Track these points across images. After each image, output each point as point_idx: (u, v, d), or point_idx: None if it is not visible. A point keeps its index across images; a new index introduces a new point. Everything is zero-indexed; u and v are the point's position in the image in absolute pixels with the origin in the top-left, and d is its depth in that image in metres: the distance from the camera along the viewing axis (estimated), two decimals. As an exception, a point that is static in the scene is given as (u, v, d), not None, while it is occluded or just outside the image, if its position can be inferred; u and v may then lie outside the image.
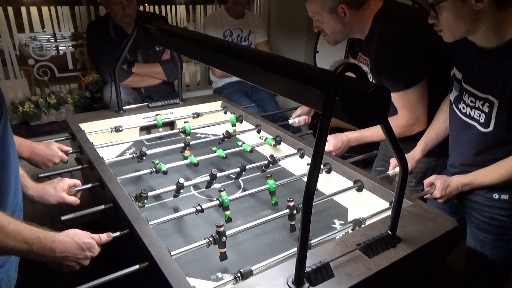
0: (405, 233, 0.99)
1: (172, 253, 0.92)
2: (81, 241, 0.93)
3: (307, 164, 1.39)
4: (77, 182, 1.25)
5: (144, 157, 1.49)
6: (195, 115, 1.91)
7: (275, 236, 1.17)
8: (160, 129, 1.82)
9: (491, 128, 1.16)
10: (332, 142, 1.55)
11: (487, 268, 1.36)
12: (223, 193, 1.14)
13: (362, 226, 1.08)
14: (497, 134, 1.15)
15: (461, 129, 1.28)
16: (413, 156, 1.43)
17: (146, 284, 0.99)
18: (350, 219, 1.26)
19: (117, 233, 1.02)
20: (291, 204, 1.12)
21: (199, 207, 1.10)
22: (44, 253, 0.87)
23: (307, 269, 0.81)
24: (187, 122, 1.84)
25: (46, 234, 0.88)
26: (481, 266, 1.37)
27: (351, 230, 1.08)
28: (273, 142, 1.63)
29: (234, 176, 1.42)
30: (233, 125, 1.86)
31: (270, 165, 1.47)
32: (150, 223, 1.03)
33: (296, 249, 0.78)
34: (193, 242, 0.98)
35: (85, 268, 0.97)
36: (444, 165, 1.49)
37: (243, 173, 1.39)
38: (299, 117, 1.87)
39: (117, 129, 1.71)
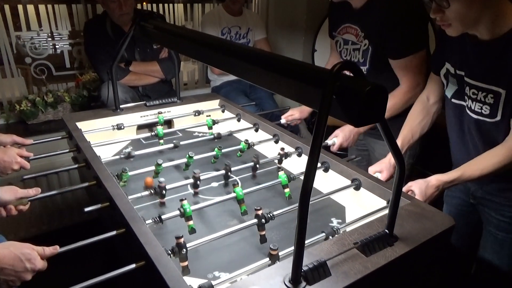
0: (402, 232, 0.99)
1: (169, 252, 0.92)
2: (19, 251, 0.87)
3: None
4: (30, 193, 1.16)
5: (132, 158, 1.48)
6: (196, 113, 1.91)
7: (272, 235, 1.16)
8: (161, 127, 1.81)
9: (498, 117, 1.15)
10: (341, 135, 1.58)
11: (502, 269, 1.35)
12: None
13: (355, 226, 1.06)
14: (505, 123, 1.14)
15: (468, 121, 1.26)
16: (390, 161, 1.39)
17: (143, 283, 0.99)
18: (347, 218, 1.27)
19: (114, 232, 1.02)
20: (259, 213, 1.06)
21: (157, 219, 1.05)
22: None
23: (304, 268, 0.81)
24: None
25: None
26: (497, 267, 1.36)
27: (324, 240, 1.04)
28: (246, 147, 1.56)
29: (233, 176, 1.42)
30: (210, 127, 1.80)
31: (283, 158, 1.47)
32: (147, 222, 1.03)
33: (293, 248, 0.77)
34: (190, 241, 0.98)
35: (82, 267, 0.96)
36: (420, 148, 1.53)
37: (257, 166, 1.40)
38: (293, 117, 1.90)
39: (119, 127, 1.71)
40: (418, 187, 1.21)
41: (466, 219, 1.48)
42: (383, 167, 1.37)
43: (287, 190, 1.26)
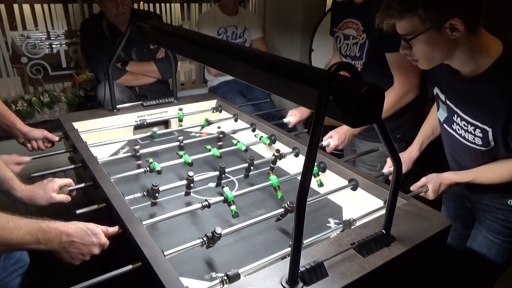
0: (399, 232, 0.99)
1: (165, 253, 0.92)
2: (85, 226, 0.94)
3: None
4: (69, 181, 1.24)
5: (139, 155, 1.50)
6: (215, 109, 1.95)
7: (269, 235, 1.16)
8: (180, 123, 1.87)
9: (492, 145, 1.15)
10: (336, 137, 1.59)
11: (486, 267, 1.37)
12: (226, 189, 1.14)
13: (353, 227, 1.07)
14: (499, 150, 1.15)
15: (459, 147, 1.27)
16: (410, 156, 1.44)
17: (139, 284, 0.99)
18: (344, 218, 1.26)
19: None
20: (289, 208, 1.11)
21: (206, 203, 1.10)
22: (51, 242, 0.89)
23: (301, 269, 0.81)
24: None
25: (49, 223, 0.90)
26: (483, 266, 1.38)
27: (341, 231, 1.07)
28: (268, 141, 1.62)
29: (231, 176, 1.42)
30: (202, 127, 1.83)
31: (278, 160, 1.46)
32: (144, 222, 1.03)
33: (290, 248, 0.77)
34: (187, 242, 0.97)
35: (79, 267, 0.96)
36: (404, 149, 1.54)
37: (251, 168, 1.40)
38: (295, 118, 1.88)
39: (142, 123, 1.74)
40: (432, 184, 1.24)
41: (464, 221, 1.49)
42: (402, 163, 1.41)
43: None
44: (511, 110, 1.03)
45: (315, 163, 1.23)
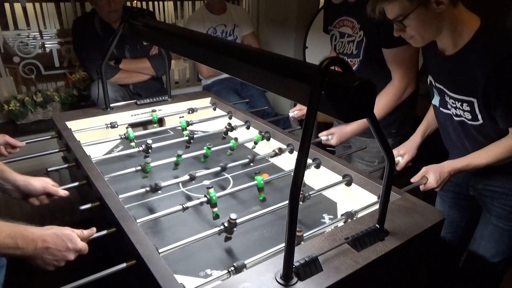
0: (393, 226, 1.00)
1: (159, 250, 0.92)
2: (60, 232, 0.92)
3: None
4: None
5: (150, 150, 1.48)
6: (190, 111, 1.89)
7: (264, 232, 1.16)
8: (155, 125, 1.82)
9: (480, 121, 1.20)
10: (335, 136, 1.63)
11: (496, 257, 1.38)
12: (211, 190, 1.13)
13: (354, 218, 1.08)
14: (488, 125, 1.19)
15: (456, 128, 1.31)
16: (413, 143, 1.47)
17: (134, 282, 0.99)
18: (339, 214, 1.27)
19: (104, 231, 1.01)
20: None
21: (186, 206, 1.09)
22: (28, 246, 0.87)
23: (295, 264, 0.82)
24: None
25: (26, 227, 0.89)
26: (492, 255, 1.39)
27: (343, 222, 1.09)
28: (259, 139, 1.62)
29: (226, 174, 1.42)
30: (184, 129, 1.73)
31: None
32: (138, 221, 1.02)
33: (284, 244, 0.78)
34: (181, 239, 0.98)
35: (75, 266, 0.96)
36: (399, 143, 1.57)
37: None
38: (301, 111, 1.88)
39: (113, 126, 1.69)
40: (432, 173, 1.26)
41: (462, 212, 1.50)
42: (406, 151, 1.46)
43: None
44: (488, 79, 1.09)
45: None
